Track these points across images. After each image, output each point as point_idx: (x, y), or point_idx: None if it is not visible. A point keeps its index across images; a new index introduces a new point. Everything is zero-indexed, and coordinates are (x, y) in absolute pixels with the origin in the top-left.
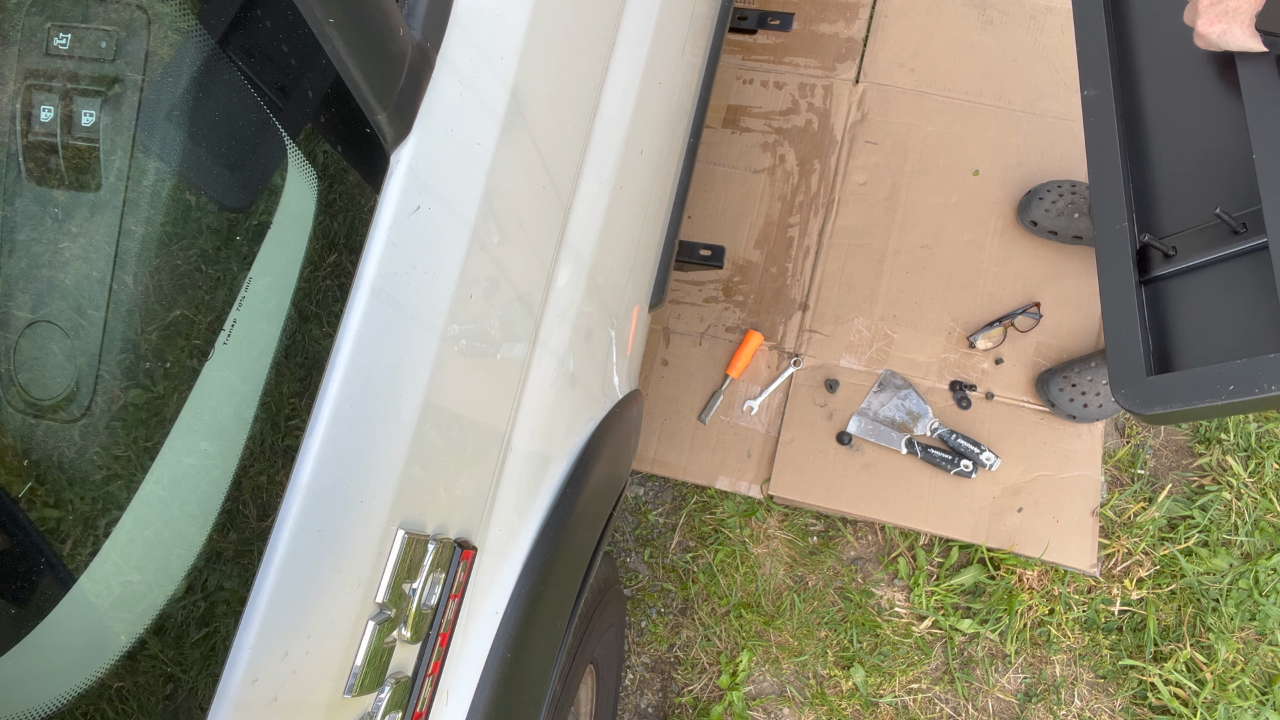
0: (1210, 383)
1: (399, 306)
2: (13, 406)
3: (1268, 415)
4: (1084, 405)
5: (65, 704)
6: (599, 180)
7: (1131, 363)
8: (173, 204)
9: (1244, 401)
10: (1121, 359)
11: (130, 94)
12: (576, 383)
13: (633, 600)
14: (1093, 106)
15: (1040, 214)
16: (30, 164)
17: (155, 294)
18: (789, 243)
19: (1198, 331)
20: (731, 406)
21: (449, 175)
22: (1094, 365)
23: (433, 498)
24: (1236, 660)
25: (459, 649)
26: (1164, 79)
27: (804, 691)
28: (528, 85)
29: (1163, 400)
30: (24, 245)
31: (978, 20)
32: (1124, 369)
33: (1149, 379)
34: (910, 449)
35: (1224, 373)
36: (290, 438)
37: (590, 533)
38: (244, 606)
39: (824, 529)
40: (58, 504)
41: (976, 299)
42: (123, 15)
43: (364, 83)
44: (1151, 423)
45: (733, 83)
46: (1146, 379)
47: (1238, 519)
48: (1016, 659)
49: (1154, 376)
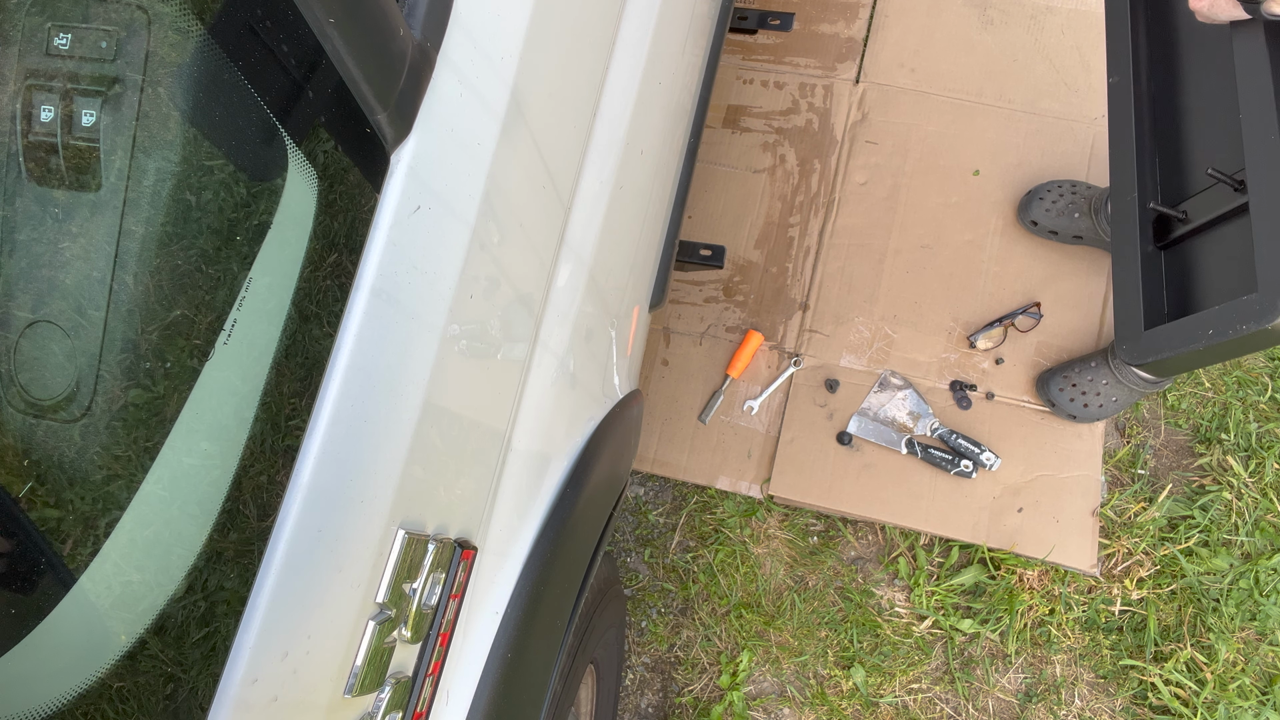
0: (1193, 329)
1: (399, 306)
2: (13, 406)
3: (1268, 415)
4: (1084, 405)
5: (65, 704)
6: (599, 180)
7: (1132, 320)
8: (173, 204)
9: (1223, 344)
10: (1124, 317)
11: (130, 94)
12: (577, 383)
13: (633, 600)
14: (1116, 93)
15: (1041, 214)
16: (30, 164)
17: (155, 294)
18: (789, 243)
19: (1202, 285)
20: (732, 406)
21: (449, 175)
22: (1094, 365)
23: (433, 498)
24: (1237, 660)
25: (459, 649)
26: (1178, 62)
27: (804, 691)
28: (528, 85)
29: (1155, 350)
30: (24, 245)
31: (978, 20)
32: (1126, 326)
33: (1146, 333)
34: (910, 449)
35: (1205, 319)
36: (290, 438)
37: (590, 533)
38: (244, 606)
39: (824, 529)
40: (58, 504)
41: (976, 299)
42: (123, 15)
43: (364, 83)
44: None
45: (733, 83)
46: (1144, 333)
47: (1238, 519)
48: (1017, 659)
49: (1150, 330)
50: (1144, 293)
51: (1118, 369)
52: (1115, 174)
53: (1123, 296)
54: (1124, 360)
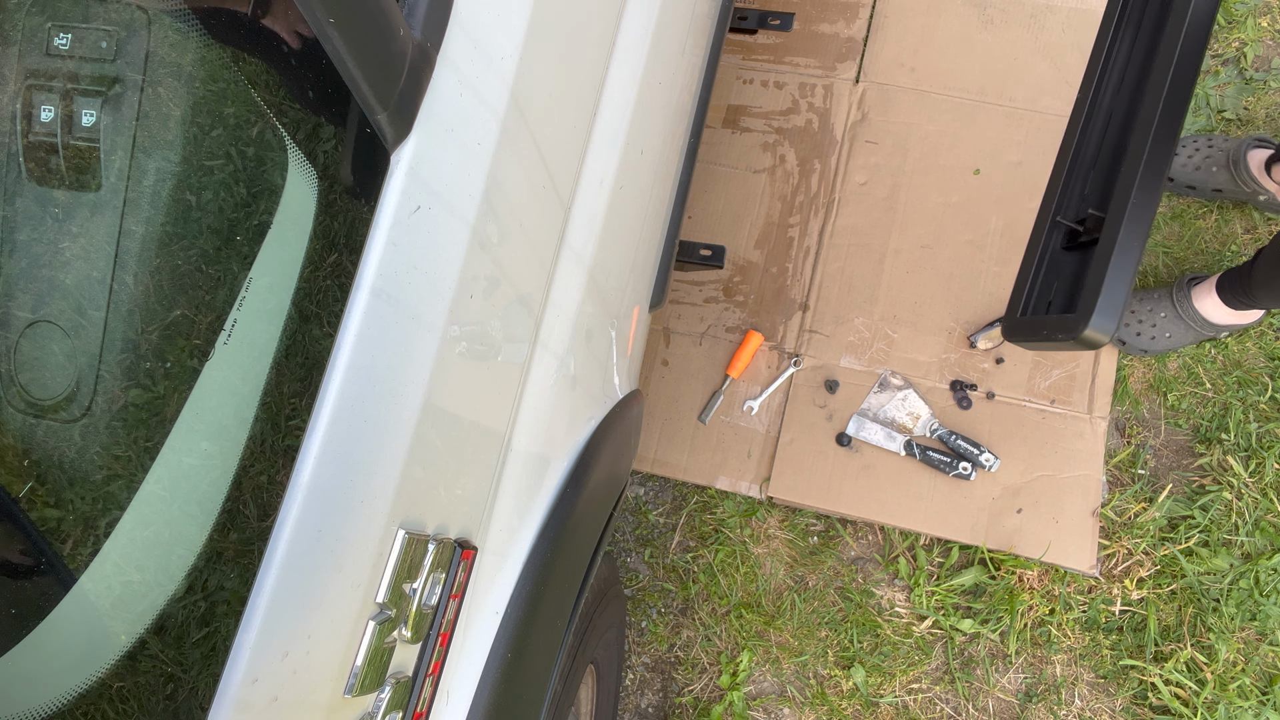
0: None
1: (399, 306)
2: (13, 406)
3: (1268, 415)
4: (1137, 334)
5: (65, 704)
6: (599, 180)
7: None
8: (173, 204)
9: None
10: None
11: (130, 94)
12: (577, 383)
13: (633, 600)
14: (1077, 103)
15: (1177, 168)
16: (31, 164)
17: (156, 294)
18: (789, 243)
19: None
20: (731, 407)
21: (449, 175)
22: (1156, 297)
23: (433, 498)
24: (1237, 660)
25: (459, 649)
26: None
27: (804, 691)
28: (528, 85)
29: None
30: (24, 245)
31: (978, 19)
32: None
33: (1017, 318)
34: (909, 451)
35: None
36: (290, 438)
37: (591, 533)
38: (244, 606)
39: (824, 529)
40: (58, 504)
41: (977, 299)
42: (123, 15)
43: (364, 83)
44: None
45: (733, 82)
46: (1016, 318)
47: (1238, 519)
48: (1017, 659)
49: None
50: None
51: (1180, 304)
52: (1052, 176)
53: (1019, 281)
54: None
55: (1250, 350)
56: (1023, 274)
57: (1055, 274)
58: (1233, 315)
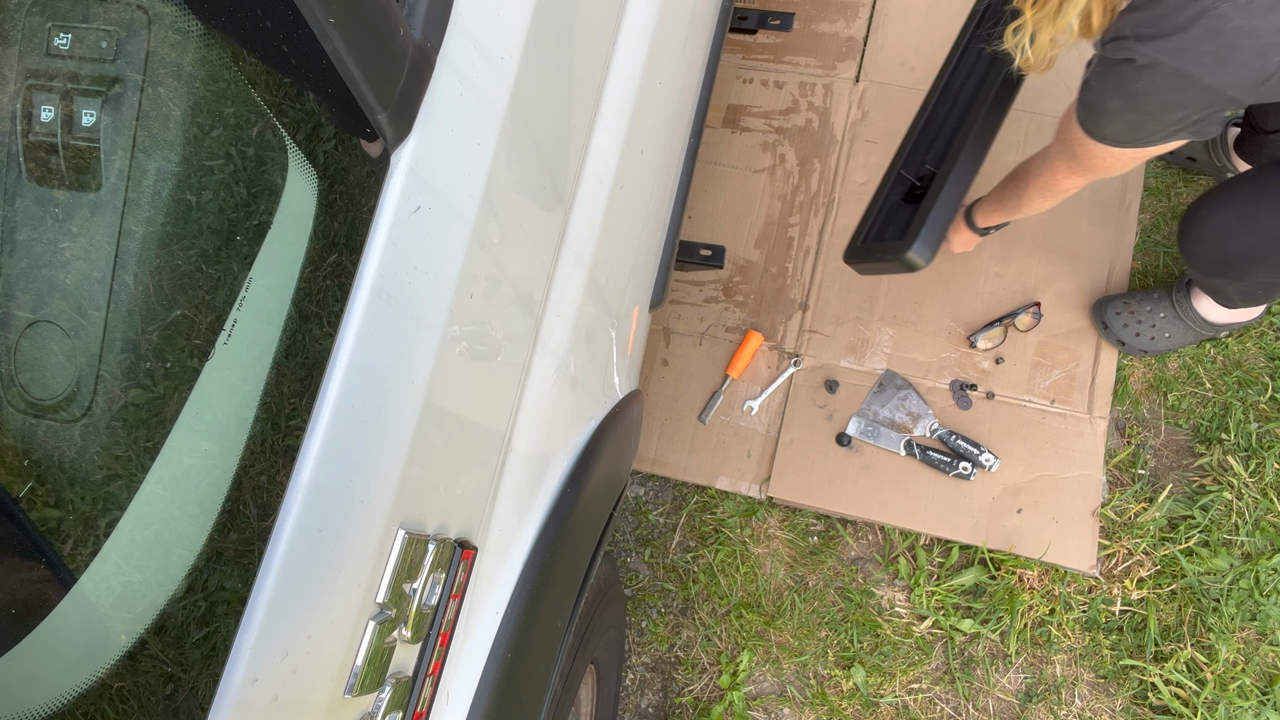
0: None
1: (399, 306)
2: (13, 406)
3: (1268, 415)
4: (1136, 334)
5: (65, 704)
6: (599, 180)
7: (855, 238)
8: (173, 204)
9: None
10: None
11: (130, 94)
12: (577, 383)
13: (633, 600)
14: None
15: None
16: (31, 164)
17: (156, 294)
18: (789, 243)
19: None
20: (731, 407)
21: (449, 175)
22: (1156, 297)
23: (433, 498)
24: (1237, 660)
25: (459, 649)
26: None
27: (804, 691)
28: (528, 85)
29: (851, 259)
30: (24, 245)
31: None
32: (853, 241)
33: (856, 246)
34: (909, 451)
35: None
36: (291, 438)
37: (591, 533)
38: (244, 606)
39: (824, 529)
40: (58, 504)
41: (976, 299)
42: (123, 15)
43: (364, 83)
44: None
45: (733, 82)
46: (856, 246)
47: (1238, 519)
48: (1017, 659)
49: (858, 245)
50: (872, 224)
51: (1180, 305)
52: (904, 139)
53: (863, 221)
54: (844, 259)
55: (1250, 350)
56: (867, 214)
57: (892, 219)
58: (1231, 314)
